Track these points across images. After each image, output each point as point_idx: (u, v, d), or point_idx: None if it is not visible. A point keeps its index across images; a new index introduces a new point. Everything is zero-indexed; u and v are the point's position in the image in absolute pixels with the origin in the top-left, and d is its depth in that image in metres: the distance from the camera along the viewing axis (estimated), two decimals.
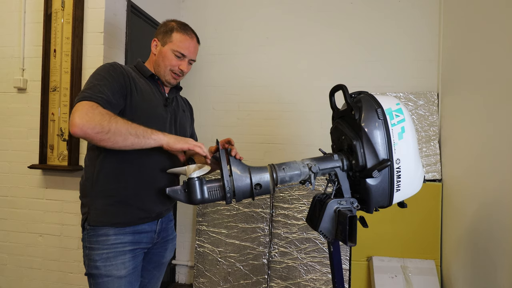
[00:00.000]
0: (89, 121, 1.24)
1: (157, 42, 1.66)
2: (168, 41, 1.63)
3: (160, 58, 1.63)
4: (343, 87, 1.36)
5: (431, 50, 3.09)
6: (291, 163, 1.35)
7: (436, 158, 2.94)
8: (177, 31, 1.64)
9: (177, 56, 1.62)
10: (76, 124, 1.24)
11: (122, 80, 1.46)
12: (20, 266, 2.59)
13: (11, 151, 2.59)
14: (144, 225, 1.55)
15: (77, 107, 1.29)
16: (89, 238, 1.48)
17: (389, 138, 1.26)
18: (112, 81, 1.42)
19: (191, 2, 3.56)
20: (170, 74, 1.64)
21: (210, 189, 1.32)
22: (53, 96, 2.47)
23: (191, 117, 1.91)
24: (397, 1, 3.17)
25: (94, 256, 1.46)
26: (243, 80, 3.41)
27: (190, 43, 1.65)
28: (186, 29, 1.67)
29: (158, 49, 1.65)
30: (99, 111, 1.28)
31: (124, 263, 1.48)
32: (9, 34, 2.57)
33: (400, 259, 2.84)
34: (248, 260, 3.03)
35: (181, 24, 1.67)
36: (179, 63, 1.64)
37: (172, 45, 1.62)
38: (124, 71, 1.50)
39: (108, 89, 1.39)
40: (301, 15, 3.33)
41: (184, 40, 1.63)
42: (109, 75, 1.43)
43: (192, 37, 1.67)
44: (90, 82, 1.40)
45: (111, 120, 1.28)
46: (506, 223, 1.77)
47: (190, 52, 1.66)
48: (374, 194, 1.26)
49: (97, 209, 1.48)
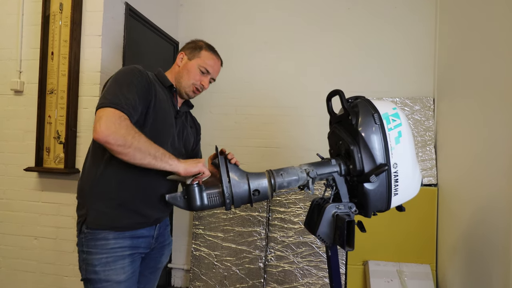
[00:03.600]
0: (115, 133, 1.27)
1: (184, 56, 1.73)
2: (196, 57, 1.70)
3: (185, 71, 1.70)
4: (340, 92, 1.37)
5: (427, 56, 3.12)
6: (289, 168, 1.35)
7: (432, 163, 2.96)
8: (206, 50, 1.73)
9: (202, 71, 1.70)
10: (100, 132, 1.26)
11: (147, 86, 1.49)
12: (14, 269, 2.57)
13: (7, 153, 2.57)
14: (143, 230, 1.54)
15: (104, 113, 1.31)
16: (87, 242, 1.45)
17: (386, 143, 1.27)
18: (138, 86, 1.45)
19: (189, 6, 3.57)
20: (192, 87, 1.70)
21: (209, 195, 1.32)
22: (50, 99, 2.46)
23: (197, 136, 1.93)
24: (394, 8, 3.19)
25: (93, 261, 1.43)
26: (241, 84, 3.42)
27: (216, 62, 1.75)
28: (214, 50, 1.77)
29: (183, 62, 1.72)
30: (125, 124, 1.31)
31: (124, 268, 1.47)
32: (7, 36, 2.56)
33: (396, 264, 2.85)
34: (244, 264, 3.03)
35: (210, 45, 1.77)
36: (202, 79, 1.71)
37: (199, 61, 1.70)
38: (149, 77, 1.54)
39: (135, 95, 1.42)
40: (299, 21, 3.35)
41: (211, 59, 1.72)
42: (136, 79, 1.46)
43: (218, 58, 1.78)
44: (117, 85, 1.42)
45: (135, 136, 1.31)
46: (501, 228, 1.78)
47: (215, 71, 1.75)
48: (372, 199, 1.27)
49: (96, 212, 1.46)
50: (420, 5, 3.15)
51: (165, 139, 1.56)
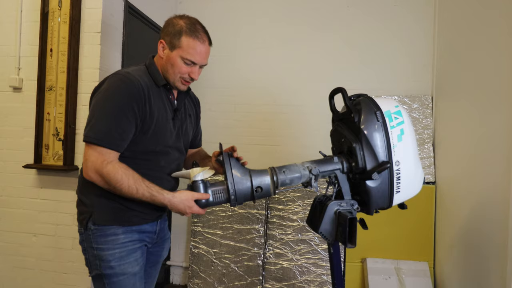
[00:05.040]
0: (98, 180, 1.37)
1: (164, 45, 1.51)
2: (176, 46, 1.47)
3: (169, 64, 1.50)
4: (343, 90, 1.38)
5: (426, 54, 3.13)
6: (291, 165, 1.36)
7: (430, 160, 2.98)
8: (187, 34, 1.46)
9: (187, 63, 1.48)
10: (88, 176, 1.38)
11: (136, 109, 1.40)
12: (13, 266, 2.56)
13: (5, 150, 2.56)
14: (147, 225, 1.56)
15: (89, 155, 1.37)
16: (96, 238, 1.46)
17: (389, 140, 1.28)
18: (129, 111, 1.39)
19: (188, 3, 3.56)
20: (180, 81, 1.52)
21: (214, 192, 1.33)
22: (49, 96, 2.45)
23: (197, 115, 1.84)
24: (393, 6, 3.20)
25: (107, 257, 1.45)
26: (240, 82, 3.42)
27: (201, 48, 1.48)
28: (196, 30, 1.49)
29: (165, 53, 1.50)
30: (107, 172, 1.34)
31: (137, 260, 1.51)
32: (5, 33, 2.55)
33: (394, 261, 2.87)
34: (243, 261, 3.03)
35: (191, 25, 1.49)
36: (190, 70, 1.50)
37: (181, 51, 1.46)
38: (141, 90, 1.42)
39: (126, 123, 1.39)
40: (299, 18, 3.35)
41: (194, 46, 1.46)
42: (124, 104, 1.38)
43: (203, 40, 1.50)
44: (105, 115, 1.38)
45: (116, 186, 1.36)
46: (499, 225, 1.80)
47: (202, 58, 1.50)
48: (374, 196, 1.28)
49: (103, 208, 1.47)
50: (419, 4, 3.16)
51: (163, 145, 1.54)
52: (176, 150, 1.61)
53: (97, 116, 1.38)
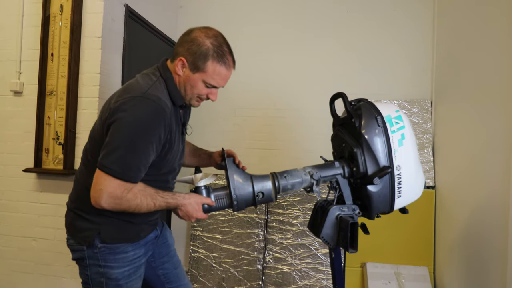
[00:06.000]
0: (114, 208, 1.27)
1: (185, 64, 1.37)
2: (201, 69, 1.36)
3: (188, 85, 1.40)
4: (343, 95, 1.39)
5: (425, 59, 3.14)
6: (292, 171, 1.36)
7: (430, 165, 2.98)
8: (214, 59, 1.35)
9: (208, 87, 1.41)
10: (101, 205, 1.25)
11: (162, 137, 1.33)
12: (12, 270, 2.55)
13: (6, 154, 2.56)
14: (151, 234, 1.56)
15: (109, 185, 1.23)
16: (104, 256, 1.40)
17: (389, 145, 1.29)
18: (156, 144, 1.31)
19: (189, 8, 3.58)
20: (196, 98, 1.46)
21: (217, 197, 1.33)
22: (50, 100, 2.45)
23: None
24: (392, 11, 3.22)
25: (117, 275, 1.40)
26: (240, 85, 3.42)
27: (227, 73, 1.41)
28: (224, 55, 1.38)
29: (185, 73, 1.39)
30: (127, 199, 1.26)
31: (141, 276, 1.51)
32: (7, 37, 2.55)
33: (394, 266, 2.86)
34: (243, 265, 3.03)
35: (219, 47, 1.37)
36: (209, 92, 1.43)
37: (205, 76, 1.37)
38: (167, 121, 1.33)
39: (149, 158, 1.30)
40: (299, 23, 3.36)
41: (220, 72, 1.38)
42: (154, 136, 1.29)
43: (229, 66, 1.41)
44: (133, 147, 1.26)
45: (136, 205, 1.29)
46: (499, 230, 1.80)
47: (225, 83, 1.45)
48: (375, 201, 1.28)
49: (111, 227, 1.41)
50: (417, 9, 3.17)
51: (173, 166, 1.50)
52: (180, 165, 1.59)
53: (126, 148, 1.26)
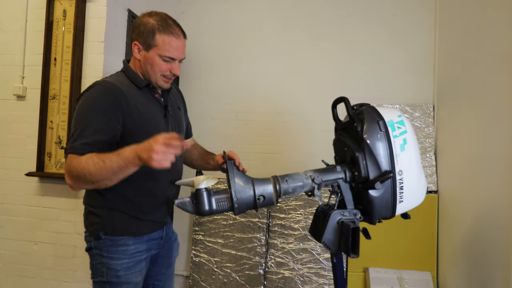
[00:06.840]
0: (76, 183, 1.33)
1: (139, 46, 1.47)
2: (152, 45, 1.45)
3: (148, 65, 1.48)
4: (345, 100, 1.39)
5: (427, 63, 3.14)
6: (294, 174, 1.36)
7: (432, 169, 2.97)
8: (160, 31, 1.44)
9: (166, 60, 1.47)
10: (70, 186, 1.35)
11: (113, 112, 1.39)
12: (14, 274, 2.56)
13: (8, 158, 2.57)
14: (155, 233, 1.61)
15: (66, 163, 1.35)
16: (107, 248, 1.48)
17: (391, 150, 1.28)
18: (102, 117, 1.37)
19: (191, 13, 3.59)
20: (162, 79, 1.51)
21: (218, 200, 1.33)
22: (52, 104, 2.47)
23: (184, 105, 1.82)
24: (393, 15, 3.22)
25: (116, 266, 1.48)
26: (242, 90, 3.44)
27: (177, 42, 1.47)
28: (169, 26, 1.46)
29: (142, 55, 1.48)
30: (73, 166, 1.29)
31: (141, 270, 1.55)
32: (10, 42, 2.58)
33: (397, 271, 2.85)
34: (244, 270, 3.02)
35: (162, 21, 1.46)
36: (170, 67, 1.49)
37: (158, 50, 1.45)
38: (117, 97, 1.41)
39: (96, 130, 1.35)
40: (300, 27, 3.37)
41: (170, 42, 1.45)
42: (98, 111, 1.37)
43: (178, 35, 1.48)
44: (78, 124, 1.37)
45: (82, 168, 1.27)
46: (502, 234, 1.79)
47: (180, 53, 1.49)
48: (377, 206, 1.28)
49: (114, 220, 1.50)
50: (419, 13, 3.17)
51: None
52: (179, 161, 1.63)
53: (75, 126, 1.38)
